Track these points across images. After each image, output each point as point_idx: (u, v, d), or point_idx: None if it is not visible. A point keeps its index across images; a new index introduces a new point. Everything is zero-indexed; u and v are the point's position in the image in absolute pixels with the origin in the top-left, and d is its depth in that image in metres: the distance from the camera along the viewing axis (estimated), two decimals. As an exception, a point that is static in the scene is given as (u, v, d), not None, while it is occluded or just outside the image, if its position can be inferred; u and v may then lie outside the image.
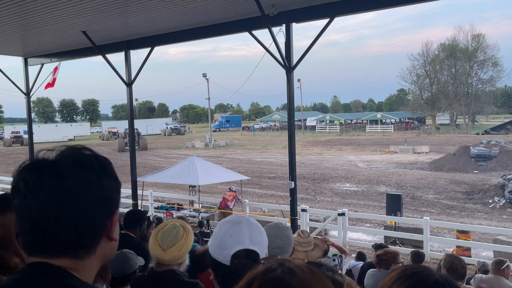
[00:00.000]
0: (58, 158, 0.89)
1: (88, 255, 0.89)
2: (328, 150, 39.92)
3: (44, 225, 0.85)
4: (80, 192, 0.86)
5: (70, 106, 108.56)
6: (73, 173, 0.86)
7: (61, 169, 0.86)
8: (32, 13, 7.66)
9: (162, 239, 2.30)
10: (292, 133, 8.39)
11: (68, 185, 0.85)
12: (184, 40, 9.87)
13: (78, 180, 0.86)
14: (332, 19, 7.50)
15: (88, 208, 0.87)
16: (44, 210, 0.85)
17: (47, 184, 0.85)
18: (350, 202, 17.60)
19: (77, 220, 0.86)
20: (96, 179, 0.89)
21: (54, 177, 0.85)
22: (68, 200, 0.85)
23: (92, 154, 0.93)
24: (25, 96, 12.90)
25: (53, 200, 0.84)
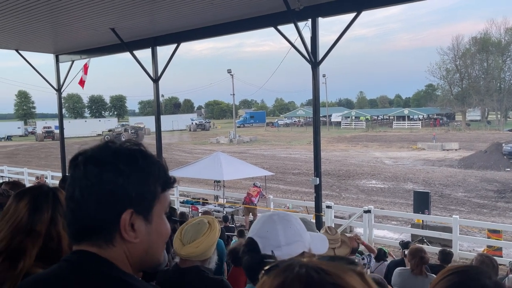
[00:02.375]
0: (87, 150, 0.95)
1: (105, 244, 0.91)
2: (353, 147, 39.42)
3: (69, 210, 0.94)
4: (84, 182, 0.90)
5: (99, 102, 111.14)
6: (82, 164, 0.92)
7: (80, 159, 0.93)
8: (63, 11, 7.87)
9: (184, 233, 2.32)
10: (318, 129, 8.31)
11: (76, 175, 0.92)
12: (210, 36, 9.92)
13: (83, 171, 0.91)
14: (359, 13, 7.37)
15: (90, 198, 0.90)
16: (68, 196, 0.94)
17: (70, 174, 0.93)
18: (376, 199, 17.34)
19: (83, 208, 0.90)
20: (98, 172, 0.90)
21: (72, 167, 0.93)
22: (75, 188, 0.92)
23: (115, 148, 0.95)
24: (56, 92, 13.28)
25: (70, 186, 0.93)
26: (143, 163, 0.93)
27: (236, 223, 13.02)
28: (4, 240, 1.41)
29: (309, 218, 7.93)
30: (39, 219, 1.45)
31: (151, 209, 0.94)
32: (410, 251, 4.13)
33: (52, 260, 1.41)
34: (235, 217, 13.30)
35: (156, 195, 0.95)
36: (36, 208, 1.47)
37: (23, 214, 1.45)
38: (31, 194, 1.51)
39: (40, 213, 1.46)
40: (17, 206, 1.47)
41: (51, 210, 1.48)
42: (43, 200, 1.49)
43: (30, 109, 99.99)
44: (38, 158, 36.50)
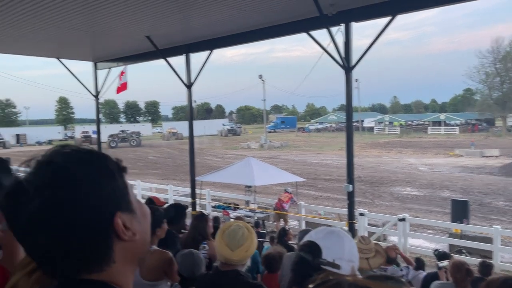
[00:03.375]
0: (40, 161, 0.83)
1: (106, 265, 0.82)
2: (387, 153, 38.57)
3: (45, 246, 0.80)
4: (65, 197, 0.78)
5: (134, 108, 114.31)
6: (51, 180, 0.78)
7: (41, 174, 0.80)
8: (101, 21, 8.16)
9: (229, 239, 2.33)
10: (350, 135, 8.19)
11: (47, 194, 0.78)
12: (242, 43, 10.01)
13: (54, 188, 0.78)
14: (394, 17, 7.22)
15: (77, 216, 0.78)
16: (37, 225, 0.80)
17: (29, 194, 0.79)
18: (411, 207, 16.86)
19: (72, 233, 0.78)
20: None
21: (36, 183, 0.80)
22: (56, 212, 0.78)
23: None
24: (94, 99, 13.76)
25: (40, 212, 0.78)
26: (97, 162, 0.84)
27: (267, 228, 12.99)
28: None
29: (341, 226, 7.76)
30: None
31: (129, 199, 0.86)
32: (453, 265, 3.97)
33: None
34: (266, 223, 13.27)
35: (123, 185, 0.85)
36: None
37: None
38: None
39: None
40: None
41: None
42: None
43: (70, 114, 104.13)
44: (76, 161, 37.80)
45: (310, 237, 1.40)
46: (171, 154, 43.09)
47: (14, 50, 11.05)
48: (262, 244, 8.05)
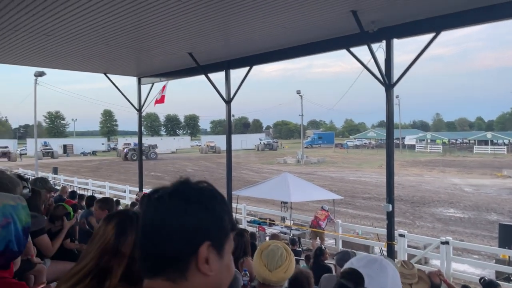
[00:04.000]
0: (168, 186, 1.00)
1: (179, 278, 0.93)
2: (429, 172, 37.21)
3: (144, 245, 0.97)
4: (169, 216, 0.94)
5: (174, 121, 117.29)
6: (168, 199, 0.96)
7: (161, 194, 0.98)
8: (146, 39, 8.50)
9: (267, 259, 2.31)
10: (391, 153, 7.99)
11: (161, 209, 0.96)
12: (282, 59, 10.08)
13: (169, 205, 0.95)
14: (438, 34, 7.05)
15: (172, 232, 0.94)
16: (145, 230, 0.97)
17: (150, 208, 0.98)
18: (455, 230, 16.10)
19: (162, 242, 0.94)
20: (184, 206, 0.95)
21: (155, 201, 0.98)
22: (158, 222, 0.95)
23: (197, 186, 1.00)
24: (137, 112, 14.25)
25: (151, 222, 0.96)
26: (221, 201, 1.00)
27: (303, 246, 12.80)
28: (93, 259, 1.51)
29: (380, 247, 7.52)
30: (124, 241, 1.54)
31: (224, 245, 0.99)
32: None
33: (134, 281, 1.49)
34: (302, 240, 13.09)
35: (228, 233, 1.00)
36: (122, 230, 1.57)
37: (110, 236, 1.55)
38: (118, 218, 1.62)
39: (125, 236, 1.55)
40: (105, 229, 1.58)
41: (135, 234, 1.55)
42: (128, 223, 1.59)
43: (113, 126, 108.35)
44: (118, 172, 39.18)
45: (352, 264, 1.36)
46: (208, 167, 43.68)
47: (66, 66, 11.69)
48: (298, 263, 7.94)
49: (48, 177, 26.97)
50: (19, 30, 7.49)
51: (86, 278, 1.48)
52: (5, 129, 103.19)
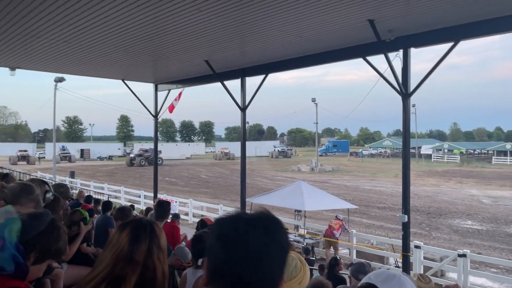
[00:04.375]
0: (250, 221, 1.07)
1: None
2: (446, 182, 36.58)
3: (226, 268, 1.03)
4: (263, 251, 1.03)
5: (189, 127, 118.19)
6: (259, 234, 1.04)
7: (272, 228, 1.07)
8: (163, 46, 8.61)
9: None
10: (407, 163, 7.88)
11: (252, 243, 1.03)
12: (298, 67, 10.09)
13: (263, 241, 1.04)
14: (456, 43, 6.96)
15: (266, 264, 1.02)
16: (231, 256, 1.04)
17: (236, 238, 1.04)
18: (472, 242, 15.75)
19: (254, 273, 1.02)
20: (275, 241, 1.05)
21: (266, 233, 1.06)
22: (268, 253, 1.04)
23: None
24: (154, 118, 14.40)
25: (261, 251, 1.03)
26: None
27: (316, 255, 12.69)
28: (108, 267, 1.53)
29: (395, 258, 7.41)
30: (138, 249, 1.56)
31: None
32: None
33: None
34: (315, 249, 12.97)
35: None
36: (136, 238, 1.58)
37: (124, 244, 1.57)
38: (131, 226, 1.63)
39: (139, 243, 1.57)
40: (119, 236, 1.60)
41: (148, 242, 1.59)
42: (142, 231, 1.61)
43: (130, 132, 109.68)
44: (133, 177, 39.55)
45: (369, 279, 1.34)
46: (222, 174, 43.78)
47: (85, 72, 11.91)
48: (311, 272, 7.86)
49: (65, 181, 27.42)
50: (41, 37, 7.67)
51: (101, 285, 1.49)
52: (25, 133, 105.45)
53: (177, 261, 4.08)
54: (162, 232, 1.73)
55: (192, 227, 13.51)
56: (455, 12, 6.44)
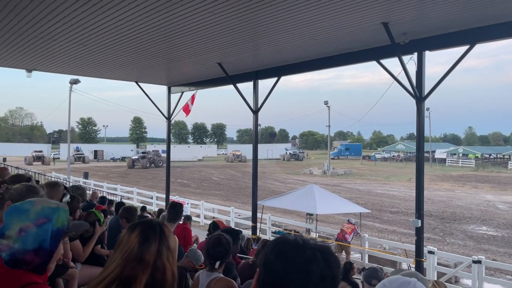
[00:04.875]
0: (316, 250, 1.17)
1: None
2: (460, 187, 36.03)
3: (279, 285, 1.13)
4: (319, 280, 1.12)
5: (201, 129, 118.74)
6: (321, 265, 1.14)
7: (315, 258, 1.15)
8: (177, 49, 8.68)
9: None
10: (421, 167, 7.79)
11: (312, 271, 1.13)
12: (311, 70, 10.06)
13: (322, 272, 1.13)
14: (472, 46, 6.87)
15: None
16: (289, 277, 1.12)
17: (299, 262, 1.14)
18: (487, 249, 15.47)
19: None
20: (332, 276, 1.15)
21: (329, 266, 1.16)
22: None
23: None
24: (166, 120, 14.51)
25: (299, 275, 1.13)
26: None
27: (328, 259, 12.59)
28: (118, 267, 1.54)
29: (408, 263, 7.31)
30: (148, 250, 1.57)
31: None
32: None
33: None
34: (327, 253, 12.88)
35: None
36: (145, 239, 1.59)
37: (134, 244, 1.58)
38: (141, 226, 1.65)
39: (149, 244, 1.58)
40: (129, 237, 1.61)
41: (158, 243, 1.60)
42: (151, 232, 1.62)
43: (142, 133, 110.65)
44: (146, 179, 39.85)
45: (384, 286, 1.32)
46: (234, 176, 43.84)
47: (100, 74, 12.06)
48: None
49: (79, 181, 27.76)
50: (57, 39, 7.80)
51: (112, 285, 1.51)
52: (40, 134, 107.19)
53: (189, 263, 4.09)
54: (172, 234, 1.74)
55: (203, 229, 13.54)
56: (471, 15, 6.36)
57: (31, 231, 1.63)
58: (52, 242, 1.65)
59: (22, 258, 1.61)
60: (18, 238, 1.61)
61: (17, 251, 1.60)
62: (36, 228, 1.63)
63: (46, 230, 1.64)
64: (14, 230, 1.62)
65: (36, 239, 1.62)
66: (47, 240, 1.64)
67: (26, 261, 1.61)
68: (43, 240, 1.63)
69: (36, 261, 1.63)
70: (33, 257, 1.62)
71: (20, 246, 1.60)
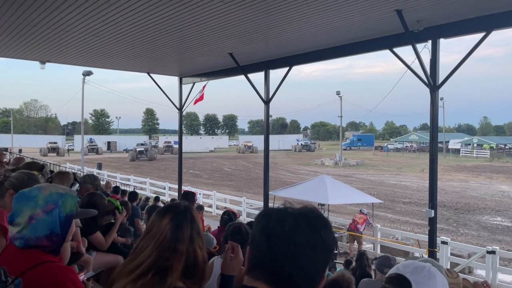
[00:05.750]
0: (314, 210, 1.08)
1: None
2: (474, 178, 35.59)
3: (267, 261, 1.03)
4: (321, 247, 1.04)
5: (213, 121, 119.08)
6: (321, 231, 1.05)
7: (314, 223, 1.05)
8: (188, 39, 8.67)
9: None
10: (435, 157, 7.69)
11: (317, 240, 1.04)
12: (322, 59, 9.96)
13: (323, 238, 1.04)
14: (488, 33, 6.71)
15: (309, 262, 1.01)
16: (274, 251, 1.02)
17: (304, 233, 1.03)
18: (502, 239, 15.31)
19: (296, 270, 1.01)
20: (321, 241, 1.04)
21: (310, 229, 1.04)
22: (312, 250, 1.03)
23: (321, 217, 1.09)
24: (178, 111, 14.56)
25: (305, 248, 1.02)
26: (329, 228, 1.10)
27: (340, 249, 12.61)
28: (152, 256, 1.53)
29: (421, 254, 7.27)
30: (181, 237, 1.56)
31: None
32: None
33: (190, 274, 1.52)
34: (339, 243, 12.89)
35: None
36: (178, 226, 1.58)
37: (166, 232, 1.57)
38: (172, 212, 1.63)
39: (182, 232, 1.57)
40: (160, 224, 1.59)
41: (190, 229, 1.59)
42: (182, 218, 1.61)
43: (155, 125, 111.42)
44: (158, 169, 40.21)
45: (397, 270, 1.32)
46: (245, 167, 43.95)
47: (112, 66, 12.13)
48: (334, 265, 7.83)
49: (93, 172, 28.15)
50: (70, 30, 7.85)
51: (147, 274, 1.49)
52: (55, 126, 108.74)
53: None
54: (199, 217, 1.73)
55: (215, 219, 13.65)
56: (487, 1, 6.21)
57: (41, 218, 1.65)
58: (62, 228, 1.68)
59: (35, 244, 1.64)
60: (29, 226, 1.64)
61: (29, 238, 1.64)
62: (45, 214, 1.66)
63: (55, 216, 1.67)
64: (24, 217, 1.65)
65: (47, 225, 1.65)
66: (57, 226, 1.67)
67: (39, 245, 1.65)
68: (53, 226, 1.66)
69: (49, 245, 1.66)
70: (46, 242, 1.65)
71: (31, 233, 1.64)
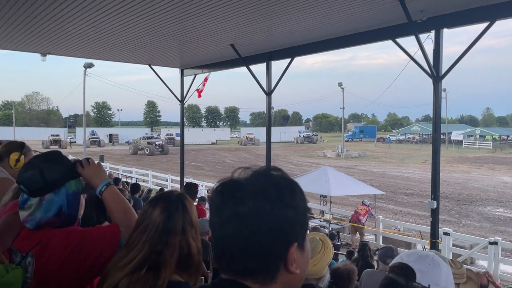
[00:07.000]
0: (242, 182, 0.89)
1: (269, 282, 0.88)
2: (477, 169, 35.53)
3: (223, 244, 0.88)
4: (252, 220, 0.85)
5: (214, 113, 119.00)
6: (248, 200, 0.86)
7: (239, 194, 0.87)
8: (189, 30, 8.61)
9: None
10: (437, 148, 7.66)
11: (241, 212, 0.86)
12: (325, 50, 9.90)
13: (251, 208, 0.85)
14: (492, 23, 6.64)
15: (258, 236, 0.85)
16: (224, 230, 0.87)
17: (227, 207, 0.87)
18: (504, 230, 15.32)
19: (248, 247, 0.85)
20: (269, 208, 0.85)
21: (232, 201, 0.87)
22: (241, 226, 0.85)
23: (275, 180, 0.91)
24: (180, 103, 14.53)
25: (230, 223, 0.86)
26: (300, 193, 0.92)
27: (342, 241, 12.65)
28: (143, 250, 1.49)
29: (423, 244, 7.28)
30: (173, 230, 1.52)
31: (305, 238, 0.94)
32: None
33: (184, 267, 1.50)
34: (341, 235, 12.93)
35: (308, 225, 0.95)
36: (169, 217, 1.54)
37: (157, 224, 1.52)
38: (163, 203, 1.58)
39: (173, 224, 1.53)
40: (151, 216, 1.55)
41: (182, 220, 1.55)
42: (174, 209, 1.56)
43: (156, 117, 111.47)
44: (160, 162, 40.27)
45: (401, 259, 1.31)
46: (247, 159, 43.99)
47: (113, 58, 12.09)
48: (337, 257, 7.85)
49: (95, 164, 28.19)
50: (70, 22, 7.81)
51: (141, 269, 1.45)
52: (57, 118, 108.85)
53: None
54: (193, 206, 1.68)
55: (218, 211, 13.66)
56: (492, -10, 6.14)
57: (50, 198, 1.72)
58: (69, 206, 1.75)
59: (45, 223, 1.72)
60: (39, 207, 1.71)
61: (40, 219, 1.71)
62: (53, 194, 1.73)
63: (63, 195, 1.74)
64: (34, 200, 1.72)
65: (55, 205, 1.72)
66: (64, 205, 1.74)
67: (50, 224, 1.72)
68: (61, 205, 1.73)
69: (59, 222, 1.74)
70: (57, 220, 1.73)
71: (42, 214, 1.71)
